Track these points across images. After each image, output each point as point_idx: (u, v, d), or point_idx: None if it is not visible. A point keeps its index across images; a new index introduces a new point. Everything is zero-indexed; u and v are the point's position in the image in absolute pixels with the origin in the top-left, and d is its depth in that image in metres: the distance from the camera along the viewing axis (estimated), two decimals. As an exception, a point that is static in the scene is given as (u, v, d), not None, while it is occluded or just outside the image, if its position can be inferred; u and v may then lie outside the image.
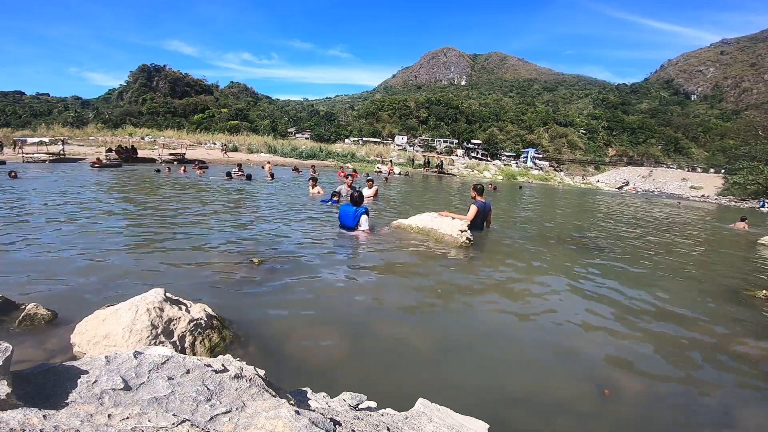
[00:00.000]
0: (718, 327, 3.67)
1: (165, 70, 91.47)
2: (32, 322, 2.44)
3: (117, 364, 1.28)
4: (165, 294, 2.38)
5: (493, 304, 3.72)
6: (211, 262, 4.13)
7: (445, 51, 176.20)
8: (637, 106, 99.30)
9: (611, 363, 2.78)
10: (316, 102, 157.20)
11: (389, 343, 2.74)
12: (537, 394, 2.31)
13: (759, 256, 7.96)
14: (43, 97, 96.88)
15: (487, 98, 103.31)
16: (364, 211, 5.92)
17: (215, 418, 1.11)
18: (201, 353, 2.23)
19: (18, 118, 68.92)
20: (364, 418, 1.28)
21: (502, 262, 5.33)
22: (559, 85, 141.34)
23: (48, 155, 21.05)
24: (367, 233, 5.84)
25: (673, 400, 2.41)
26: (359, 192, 6.22)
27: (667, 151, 72.56)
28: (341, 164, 33.39)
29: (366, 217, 5.90)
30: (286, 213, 7.94)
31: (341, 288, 3.73)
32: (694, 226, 13.31)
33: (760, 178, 41.39)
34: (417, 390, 1.96)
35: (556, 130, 73.23)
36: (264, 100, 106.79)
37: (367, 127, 65.64)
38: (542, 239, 7.42)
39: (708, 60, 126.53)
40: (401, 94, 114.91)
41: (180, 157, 24.89)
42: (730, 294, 4.80)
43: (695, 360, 2.97)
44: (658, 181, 55.28)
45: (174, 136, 43.71)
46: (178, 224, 6.13)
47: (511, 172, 46.09)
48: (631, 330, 3.38)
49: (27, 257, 3.95)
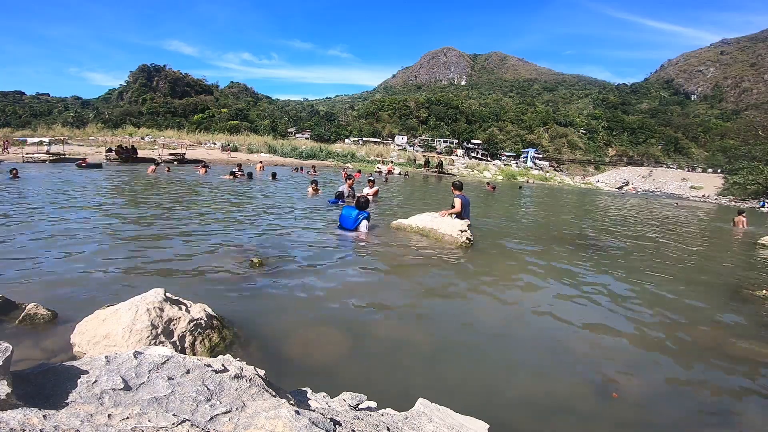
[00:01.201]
0: (719, 327, 3.67)
1: (165, 70, 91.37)
2: (32, 322, 2.44)
3: (117, 364, 1.28)
4: (165, 294, 2.38)
5: (493, 304, 3.72)
6: (212, 263, 4.13)
7: (445, 51, 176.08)
8: (637, 106, 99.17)
9: (611, 363, 2.78)
10: (316, 102, 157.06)
11: (389, 343, 2.74)
12: (537, 394, 2.31)
13: (759, 256, 7.96)
14: (43, 97, 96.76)
15: (487, 98, 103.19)
16: (366, 216, 5.97)
17: (215, 418, 1.11)
18: (201, 353, 2.23)
19: (18, 118, 68.87)
20: (364, 418, 1.28)
21: (502, 262, 5.34)
22: (559, 85, 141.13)
23: (48, 155, 21.06)
24: (364, 236, 5.87)
25: (673, 400, 2.41)
26: (366, 198, 6.29)
27: (667, 151, 72.51)
28: (341, 164, 33.40)
29: (366, 222, 5.95)
30: (286, 213, 7.95)
31: (341, 288, 3.73)
32: (694, 226, 13.31)
33: (760, 178, 41.43)
34: (417, 390, 1.96)
35: (556, 130, 73.21)
36: (264, 100, 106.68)
37: (367, 127, 65.59)
38: (542, 239, 7.42)
39: (708, 60, 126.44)
40: (401, 94, 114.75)
41: (180, 157, 24.90)
42: (730, 294, 4.81)
43: (695, 360, 2.98)
44: (658, 181, 55.28)
45: (174, 136, 43.78)
46: (179, 224, 6.13)
47: (511, 172, 46.07)
48: (631, 330, 3.38)
49: (27, 257, 3.95)
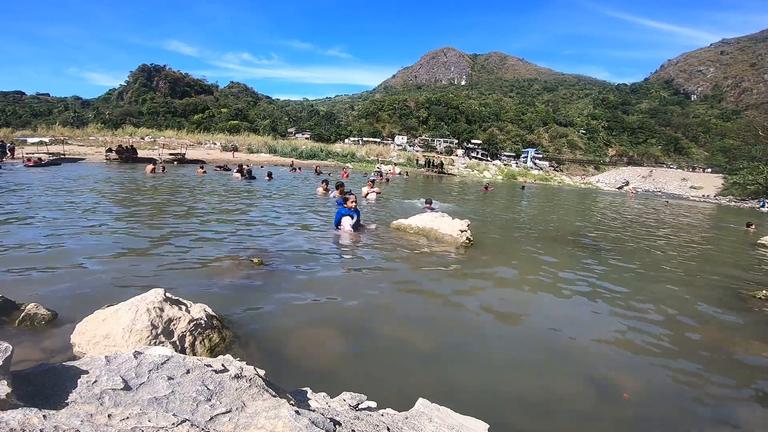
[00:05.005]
0: (718, 327, 3.68)
1: (165, 70, 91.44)
2: (32, 322, 2.44)
3: (117, 364, 1.28)
4: (165, 294, 2.38)
5: (493, 304, 3.72)
6: (212, 262, 4.13)
7: (445, 51, 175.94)
8: (637, 106, 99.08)
9: (611, 363, 2.78)
10: (316, 102, 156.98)
11: (389, 343, 2.74)
12: (537, 394, 2.31)
13: (759, 256, 7.96)
14: (43, 97, 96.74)
15: (487, 98, 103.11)
16: (347, 213, 5.99)
17: (215, 418, 1.11)
18: (201, 353, 2.23)
19: (18, 118, 68.88)
20: (364, 418, 1.28)
21: (502, 262, 5.33)
22: (559, 85, 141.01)
23: (48, 155, 21.05)
24: (348, 234, 5.88)
25: (673, 400, 2.41)
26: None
27: (667, 151, 72.52)
28: (342, 164, 33.41)
29: (350, 219, 5.98)
30: (286, 213, 7.94)
31: (341, 288, 3.73)
32: (695, 226, 13.30)
33: (760, 178, 41.41)
34: (417, 390, 1.96)
35: (556, 130, 73.22)
36: (264, 100, 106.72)
37: (367, 127, 65.59)
38: (542, 239, 7.42)
39: (708, 60, 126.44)
40: (401, 94, 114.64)
41: (180, 157, 24.89)
42: (730, 294, 4.80)
43: (695, 360, 2.98)
44: (658, 181, 55.28)
45: (174, 136, 43.74)
46: (178, 224, 6.13)
47: (511, 172, 46.10)
48: (631, 330, 3.38)
49: (27, 257, 3.95)
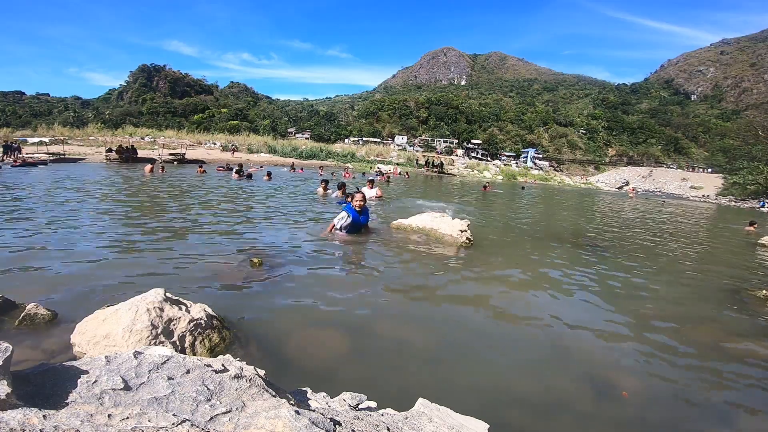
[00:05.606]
0: (718, 327, 3.67)
1: (165, 70, 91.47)
2: (32, 322, 2.44)
3: (117, 364, 1.28)
4: (165, 294, 2.38)
5: (493, 304, 3.72)
6: (212, 262, 4.13)
7: (445, 51, 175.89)
8: (637, 106, 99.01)
9: (611, 362, 2.78)
10: (316, 102, 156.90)
11: (389, 343, 2.74)
12: (537, 394, 2.31)
13: (759, 256, 7.96)
14: (43, 97, 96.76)
15: (487, 98, 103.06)
16: (348, 212, 5.90)
17: (215, 418, 1.11)
18: (201, 353, 2.23)
19: (18, 118, 68.90)
20: (364, 418, 1.28)
21: (502, 263, 5.33)
22: (559, 85, 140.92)
23: (48, 155, 21.05)
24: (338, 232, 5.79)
25: (672, 400, 2.41)
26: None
27: (667, 151, 72.48)
28: (342, 164, 33.41)
29: (339, 215, 5.90)
30: (286, 213, 7.94)
31: (341, 288, 3.73)
32: (694, 227, 13.30)
33: (759, 178, 41.40)
34: (417, 390, 1.96)
35: (556, 130, 73.20)
36: (264, 100, 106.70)
37: (367, 127, 65.59)
38: (542, 239, 7.42)
39: (708, 60, 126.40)
40: (401, 94, 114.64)
41: (180, 157, 24.88)
42: (730, 294, 4.80)
43: (695, 360, 2.98)
44: (658, 181, 55.27)
45: (174, 136, 43.68)
46: (178, 224, 6.13)
47: (511, 172, 46.11)
48: (631, 330, 3.38)
49: (27, 257, 3.95)
